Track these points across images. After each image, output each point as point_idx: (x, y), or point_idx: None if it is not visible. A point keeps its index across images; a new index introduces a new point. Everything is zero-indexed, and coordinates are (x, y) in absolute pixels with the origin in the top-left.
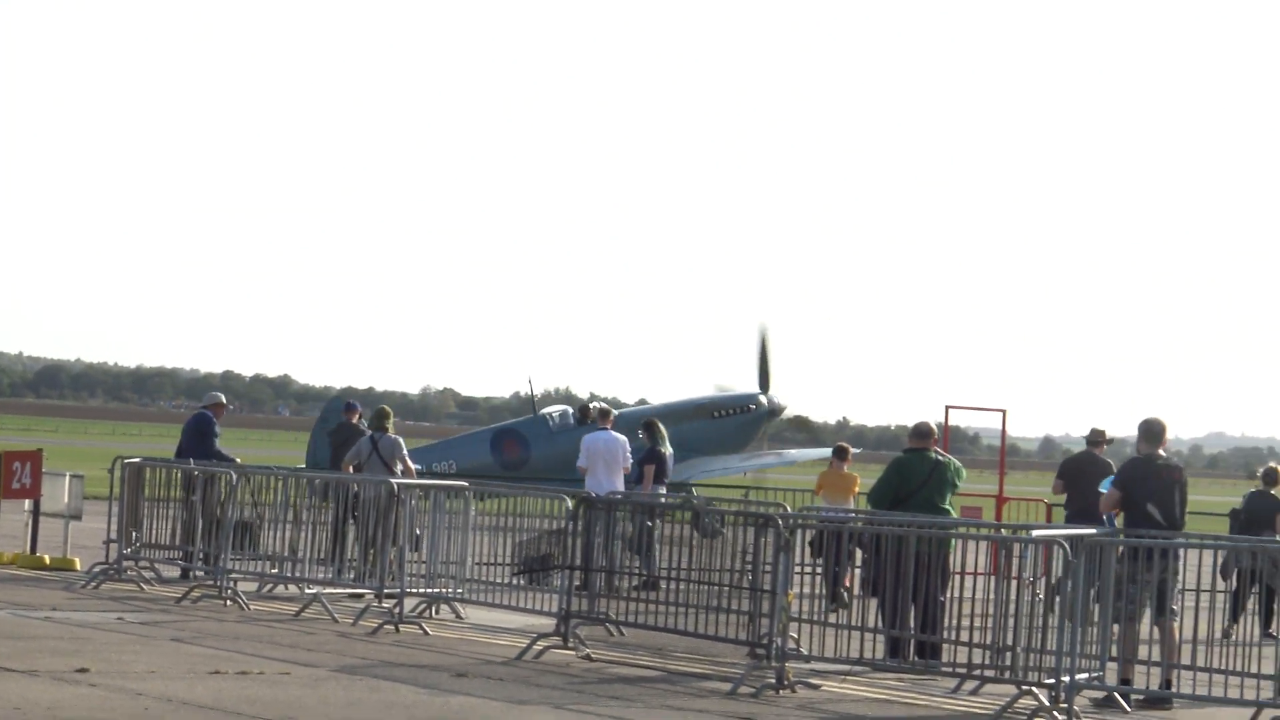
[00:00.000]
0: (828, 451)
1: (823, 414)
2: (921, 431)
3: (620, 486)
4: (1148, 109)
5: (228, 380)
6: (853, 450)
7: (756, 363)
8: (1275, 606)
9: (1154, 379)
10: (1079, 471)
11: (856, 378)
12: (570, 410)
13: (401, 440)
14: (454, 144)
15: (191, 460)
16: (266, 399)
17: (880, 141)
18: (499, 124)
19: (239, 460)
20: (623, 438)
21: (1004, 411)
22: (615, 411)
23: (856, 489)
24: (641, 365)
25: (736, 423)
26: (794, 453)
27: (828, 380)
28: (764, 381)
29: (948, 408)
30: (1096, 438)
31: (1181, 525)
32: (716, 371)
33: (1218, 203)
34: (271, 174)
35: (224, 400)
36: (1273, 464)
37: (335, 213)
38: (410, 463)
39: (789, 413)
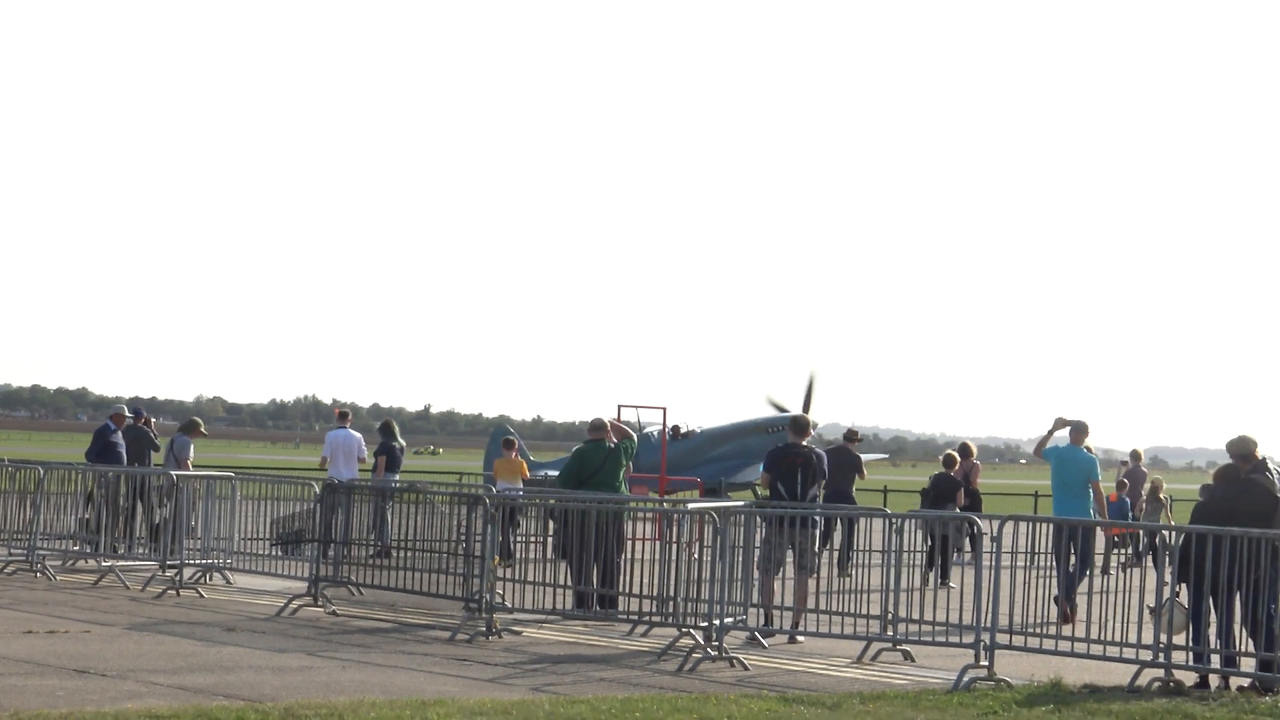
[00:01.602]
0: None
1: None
2: (596, 425)
3: (356, 475)
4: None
5: (36, 393)
6: (519, 441)
7: (804, 394)
8: (944, 560)
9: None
10: (834, 464)
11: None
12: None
13: (191, 442)
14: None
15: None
16: (68, 407)
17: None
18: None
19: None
20: (358, 435)
21: (665, 409)
22: (696, 430)
23: (525, 474)
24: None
25: (783, 437)
26: None
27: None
28: (806, 406)
29: (620, 406)
30: (850, 436)
31: (803, 499)
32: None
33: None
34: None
35: (125, 411)
36: (950, 451)
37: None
38: (190, 461)
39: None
